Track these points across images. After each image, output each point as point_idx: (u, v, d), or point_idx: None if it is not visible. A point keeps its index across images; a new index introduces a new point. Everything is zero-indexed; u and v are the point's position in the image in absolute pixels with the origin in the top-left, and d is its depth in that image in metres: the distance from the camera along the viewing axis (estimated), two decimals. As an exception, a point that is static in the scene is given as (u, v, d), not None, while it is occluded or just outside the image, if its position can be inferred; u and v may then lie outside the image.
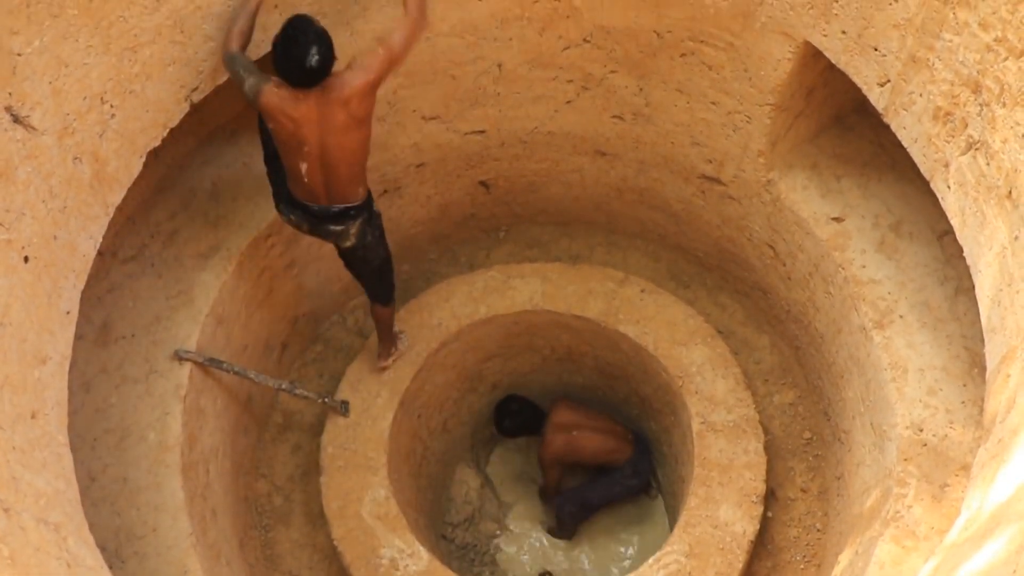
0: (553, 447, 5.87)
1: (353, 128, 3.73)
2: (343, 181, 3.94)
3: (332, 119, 3.67)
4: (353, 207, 4.09)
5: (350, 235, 4.21)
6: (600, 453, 5.93)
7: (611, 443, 5.91)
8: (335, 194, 4.00)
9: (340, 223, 4.12)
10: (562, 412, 5.89)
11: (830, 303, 4.66)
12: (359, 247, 4.34)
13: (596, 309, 5.46)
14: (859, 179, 4.61)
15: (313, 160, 3.80)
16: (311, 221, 4.13)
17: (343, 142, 3.76)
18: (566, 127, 5.16)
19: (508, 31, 4.48)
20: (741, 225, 5.17)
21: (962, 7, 2.95)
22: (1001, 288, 2.90)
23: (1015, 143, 2.78)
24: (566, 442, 5.85)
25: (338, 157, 3.81)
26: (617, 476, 5.98)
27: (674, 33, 4.32)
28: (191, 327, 4.30)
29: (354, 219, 4.14)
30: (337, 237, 4.23)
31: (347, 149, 3.80)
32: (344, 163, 3.85)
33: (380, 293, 4.81)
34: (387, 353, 5.25)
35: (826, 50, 3.75)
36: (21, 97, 2.86)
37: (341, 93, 3.63)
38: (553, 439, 5.85)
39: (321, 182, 3.92)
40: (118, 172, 3.48)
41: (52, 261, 3.08)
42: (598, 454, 5.94)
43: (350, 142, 3.78)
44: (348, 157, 3.84)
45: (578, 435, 5.86)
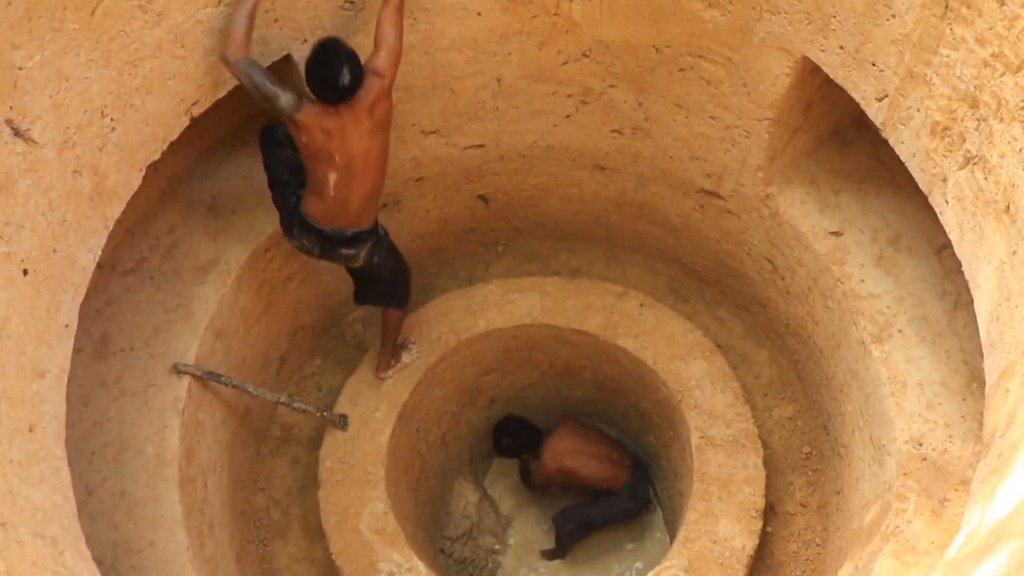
0: (546, 472, 5.88)
1: (377, 132, 3.95)
2: (365, 194, 4.11)
3: (359, 126, 3.88)
4: (364, 232, 4.26)
5: (360, 258, 4.39)
6: (596, 480, 5.94)
7: (608, 471, 5.91)
8: (353, 212, 4.14)
9: (352, 247, 4.30)
10: (562, 437, 5.88)
11: (829, 317, 4.66)
12: (366, 267, 4.50)
13: (595, 323, 5.45)
14: (857, 194, 4.62)
15: (342, 171, 3.98)
16: (323, 245, 4.27)
17: (368, 148, 3.96)
18: (565, 141, 5.17)
19: (507, 46, 4.49)
20: (740, 239, 5.18)
21: (959, 23, 2.96)
22: (1000, 303, 2.90)
23: (1012, 158, 2.79)
24: (559, 469, 5.86)
25: (364, 165, 4.00)
26: (614, 499, 5.98)
27: (673, 48, 4.34)
28: (190, 340, 4.30)
29: (364, 243, 4.31)
30: (347, 260, 4.40)
31: (373, 155, 4.00)
32: (370, 172, 4.05)
33: (392, 298, 4.94)
34: (387, 364, 5.26)
35: (824, 65, 3.76)
36: (22, 111, 2.87)
37: (366, 101, 3.83)
38: (547, 464, 5.84)
39: (344, 196, 4.07)
40: (118, 185, 3.48)
41: (51, 274, 3.08)
42: (594, 481, 5.95)
43: (375, 147, 3.98)
44: (374, 165, 4.04)
45: (573, 463, 5.85)
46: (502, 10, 4.29)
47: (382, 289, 4.85)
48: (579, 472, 5.87)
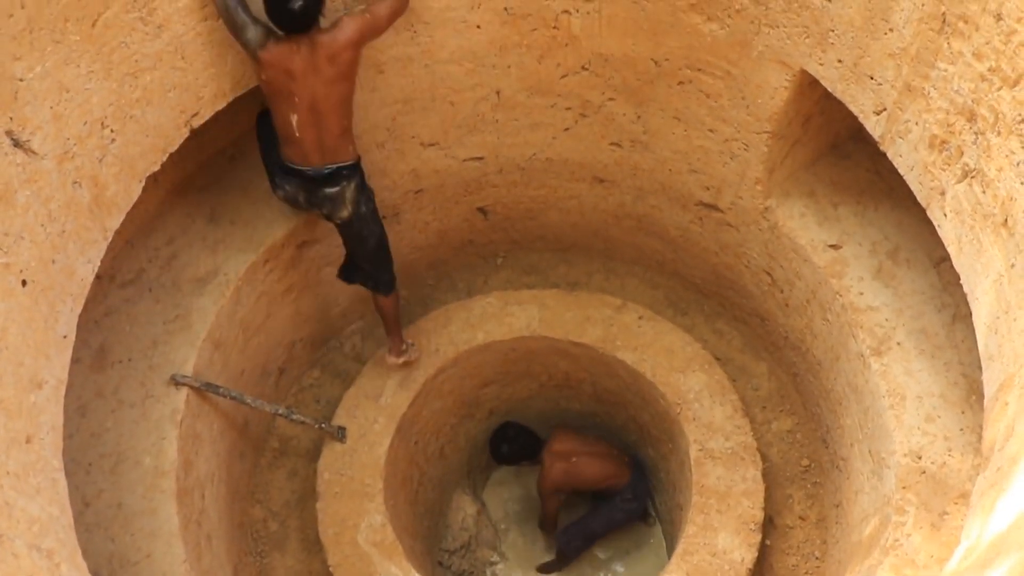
0: (552, 475, 5.83)
1: (338, 80, 3.93)
2: (333, 134, 4.09)
3: (320, 71, 3.86)
4: (345, 167, 4.23)
5: (346, 200, 4.33)
6: (600, 479, 5.90)
7: (610, 468, 5.88)
8: (326, 149, 4.13)
9: (334, 184, 4.25)
10: (560, 440, 5.86)
11: (828, 330, 4.66)
12: (355, 219, 4.45)
13: (594, 336, 5.45)
14: (856, 206, 4.63)
15: (303, 112, 3.96)
16: (306, 188, 4.26)
17: (330, 93, 3.95)
18: (564, 154, 5.18)
19: (507, 58, 4.51)
20: (739, 252, 5.18)
21: (956, 37, 2.97)
22: (998, 316, 2.90)
23: (1010, 171, 2.79)
24: (565, 470, 5.82)
25: (326, 108, 3.99)
26: (617, 501, 5.95)
27: (672, 61, 4.35)
28: (188, 352, 4.30)
29: (348, 180, 4.27)
30: (333, 204, 4.34)
31: (333, 100, 3.99)
32: (332, 114, 4.03)
33: (380, 279, 4.88)
34: (398, 349, 5.23)
35: (822, 79, 3.77)
36: (22, 122, 2.87)
37: (330, 48, 3.83)
38: (552, 467, 5.81)
39: (313, 136, 4.07)
40: (117, 196, 3.49)
41: (50, 285, 3.08)
42: (598, 480, 5.91)
43: (336, 93, 3.97)
44: (336, 108, 4.02)
45: (577, 462, 5.82)
46: (501, 23, 4.31)
47: (368, 267, 4.80)
48: (583, 471, 5.84)
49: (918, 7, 3.09)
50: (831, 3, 3.50)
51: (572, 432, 5.96)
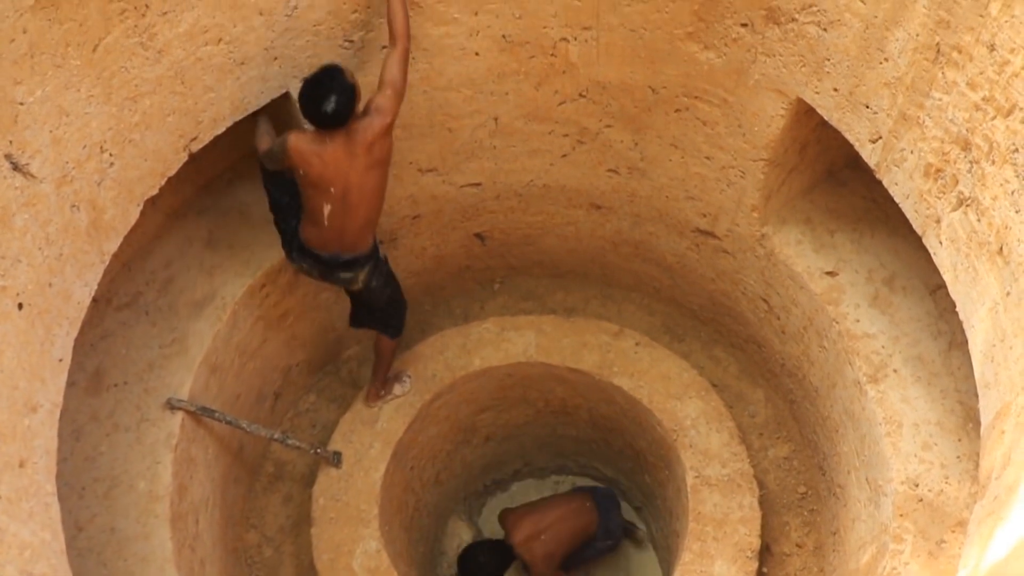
0: (539, 561, 5.72)
1: (374, 168, 3.98)
2: (360, 225, 4.14)
3: (356, 161, 3.92)
4: (362, 256, 4.30)
5: (359, 280, 4.41)
6: (576, 536, 5.85)
7: (580, 521, 5.85)
8: (348, 240, 4.19)
9: (349, 271, 4.33)
10: (519, 527, 5.74)
11: (824, 357, 4.66)
12: (365, 291, 4.52)
13: (590, 362, 5.45)
14: (852, 234, 4.64)
15: (337, 202, 4.02)
16: (321, 269, 4.32)
17: (365, 182, 4.00)
18: (562, 180, 5.20)
19: (505, 85, 4.54)
20: (735, 279, 5.19)
21: (950, 67, 3.00)
22: (994, 344, 2.90)
23: (1005, 200, 2.81)
24: (545, 552, 5.72)
25: (359, 198, 4.03)
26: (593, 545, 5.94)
27: (669, 89, 4.38)
28: (184, 376, 4.29)
29: (362, 267, 4.34)
30: (346, 283, 4.44)
31: (368, 189, 4.03)
32: (364, 205, 4.08)
33: (390, 324, 4.95)
34: (376, 395, 5.26)
35: (818, 107, 3.80)
36: (21, 145, 2.88)
37: (364, 136, 3.87)
38: (534, 556, 5.70)
39: (339, 226, 4.12)
40: (115, 220, 3.49)
41: (46, 308, 3.08)
42: (576, 537, 5.85)
43: (371, 181, 4.02)
44: (369, 199, 4.07)
45: (547, 537, 5.74)
46: (500, 50, 4.33)
47: (377, 316, 4.87)
48: (561, 539, 5.78)
49: (913, 37, 3.12)
50: (827, 32, 3.53)
51: (522, 511, 5.88)
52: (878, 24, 3.27)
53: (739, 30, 3.89)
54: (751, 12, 3.79)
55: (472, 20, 4.18)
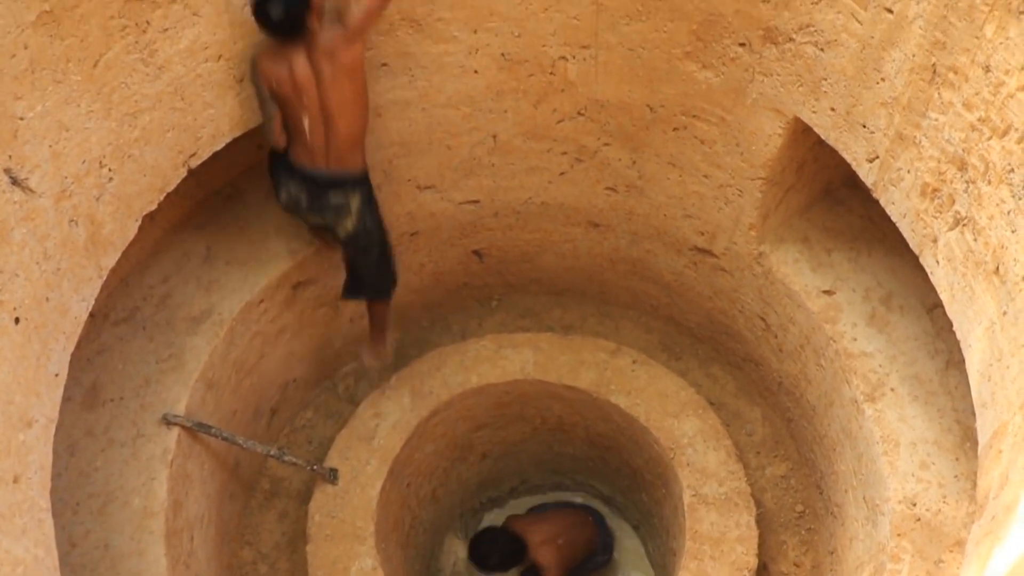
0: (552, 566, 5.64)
1: (342, 78, 3.91)
2: (343, 137, 4.07)
3: (322, 71, 3.87)
4: (351, 176, 4.21)
5: (352, 212, 4.28)
6: (584, 547, 5.85)
7: (587, 533, 5.85)
8: (333, 154, 4.11)
9: (341, 193, 4.22)
10: (535, 530, 5.68)
11: (822, 376, 4.66)
12: (361, 233, 4.41)
13: (588, 380, 5.44)
14: (849, 252, 4.65)
15: (314, 112, 3.97)
16: (310, 191, 4.21)
17: (335, 93, 3.93)
18: (560, 198, 5.21)
19: (503, 103, 4.55)
20: (733, 297, 5.20)
21: (946, 87, 3.01)
22: (991, 363, 2.90)
23: (1001, 220, 2.82)
24: (559, 555, 5.67)
25: (336, 109, 3.97)
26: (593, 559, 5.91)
27: (667, 108, 4.40)
28: (180, 391, 4.28)
29: (353, 190, 4.24)
30: (337, 214, 4.30)
31: (341, 100, 3.96)
32: (344, 116, 4.01)
33: (382, 288, 4.87)
34: (375, 352, 5.23)
35: (816, 126, 3.82)
36: (21, 160, 2.89)
37: (326, 45, 3.84)
38: (548, 559, 5.63)
39: (322, 140, 4.05)
40: (113, 235, 3.50)
41: (43, 323, 3.08)
42: (584, 548, 5.85)
43: (342, 92, 3.94)
44: (346, 109, 4.00)
45: (563, 542, 5.71)
46: (499, 68, 4.35)
47: (369, 280, 4.79)
48: (575, 545, 5.76)
49: (909, 58, 3.14)
50: (824, 53, 3.55)
51: (535, 517, 5.86)
52: (874, 45, 3.29)
53: (737, 50, 3.91)
54: (749, 32, 3.81)
55: (471, 38, 4.20)
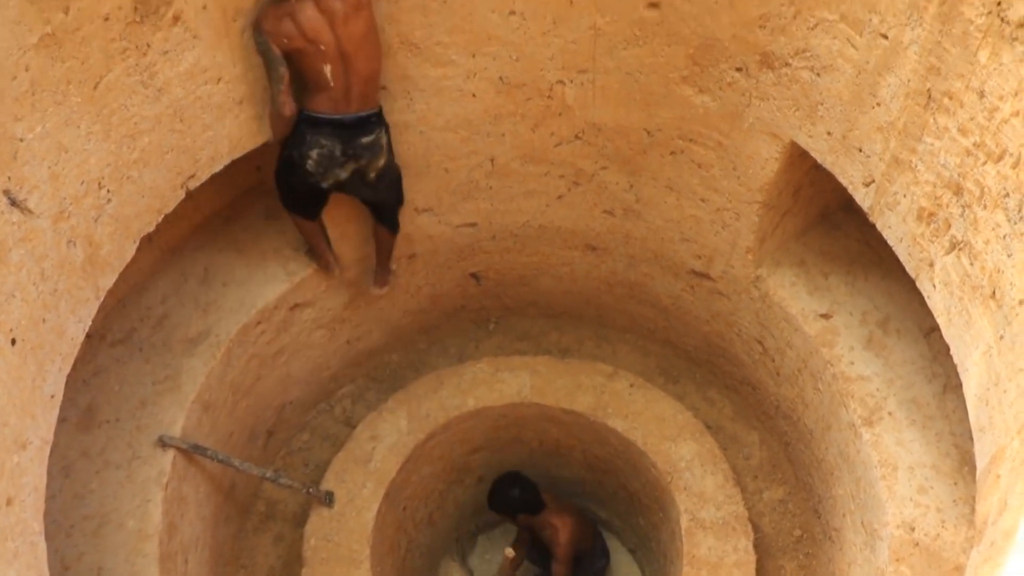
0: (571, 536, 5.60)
1: (353, 14, 3.85)
2: (364, 77, 4.03)
3: (333, 15, 3.82)
4: (374, 113, 4.18)
5: (383, 148, 4.27)
6: (587, 539, 5.83)
7: (588, 527, 5.84)
8: (357, 93, 4.05)
9: (369, 132, 4.19)
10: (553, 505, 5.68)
11: (819, 399, 4.65)
12: (389, 168, 4.42)
13: (585, 403, 5.43)
14: (846, 276, 4.66)
15: (333, 56, 3.91)
16: (342, 138, 4.15)
17: (350, 31, 3.88)
18: (557, 221, 5.22)
19: (501, 127, 4.57)
20: (730, 321, 5.20)
21: (942, 112, 3.03)
22: (988, 387, 2.90)
23: (997, 244, 2.82)
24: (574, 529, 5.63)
25: (353, 47, 3.92)
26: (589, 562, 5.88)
27: (664, 132, 4.42)
28: (177, 413, 4.27)
29: (379, 127, 4.22)
30: (372, 153, 4.25)
31: (358, 36, 3.91)
32: (363, 53, 3.96)
33: (393, 219, 4.87)
34: (384, 280, 5.23)
35: (812, 150, 3.83)
36: (20, 181, 2.89)
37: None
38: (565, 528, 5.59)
39: (345, 82, 4.00)
40: (111, 256, 3.50)
41: (39, 344, 3.07)
42: (587, 540, 5.82)
43: (357, 28, 3.89)
44: (363, 45, 3.94)
45: (577, 520, 5.67)
46: (497, 92, 4.38)
47: (391, 211, 4.81)
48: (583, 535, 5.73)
49: (904, 83, 3.16)
50: (820, 77, 3.57)
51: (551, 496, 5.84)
52: (870, 70, 3.31)
53: (734, 74, 3.94)
54: (745, 57, 3.83)
55: (470, 62, 4.23)
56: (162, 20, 3.34)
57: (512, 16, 4.01)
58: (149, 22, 3.29)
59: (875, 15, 3.18)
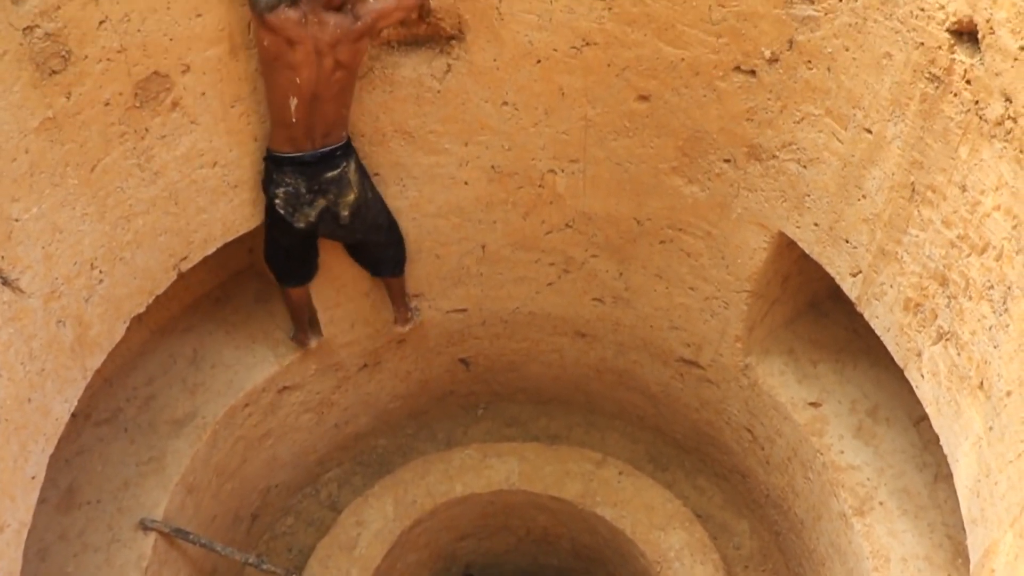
0: None
1: (339, 70, 3.79)
2: (329, 119, 3.93)
3: (323, 59, 3.74)
4: (339, 147, 4.05)
5: (351, 182, 4.12)
6: None
7: None
8: (319, 133, 3.95)
9: (333, 167, 4.06)
10: None
11: (809, 488, 4.61)
12: (364, 203, 4.24)
13: (573, 491, 5.38)
14: (835, 364, 4.67)
15: (304, 96, 3.80)
16: (306, 175, 4.02)
17: (331, 82, 3.81)
18: (547, 308, 5.24)
19: (493, 214, 4.62)
20: (719, 408, 5.19)
21: (926, 205, 3.09)
22: (979, 479, 2.89)
23: (983, 335, 2.85)
24: None
25: (326, 96, 3.84)
26: None
27: (654, 221, 4.47)
28: (160, 495, 4.20)
29: (345, 160, 4.09)
30: (339, 188, 4.11)
31: (334, 90, 3.84)
32: (332, 103, 3.88)
33: (399, 258, 4.73)
34: (404, 318, 5.05)
35: (800, 241, 3.88)
36: (13, 260, 2.90)
37: (333, 33, 3.68)
38: None
39: (306, 122, 3.89)
40: (100, 336, 3.49)
41: (23, 424, 3.04)
42: None
43: (336, 83, 3.83)
44: (336, 98, 3.88)
45: None
46: (488, 180, 4.44)
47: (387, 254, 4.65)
48: None
49: (889, 176, 3.23)
50: (807, 170, 3.64)
51: None
52: (855, 163, 3.38)
53: (722, 165, 4.01)
54: (733, 148, 3.92)
55: (462, 150, 4.30)
56: (161, 105, 3.41)
57: (505, 107, 4.09)
58: (148, 107, 3.36)
59: (859, 110, 3.27)
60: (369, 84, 3.99)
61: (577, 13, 3.69)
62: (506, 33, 3.80)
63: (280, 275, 4.51)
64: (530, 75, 3.95)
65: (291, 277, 4.51)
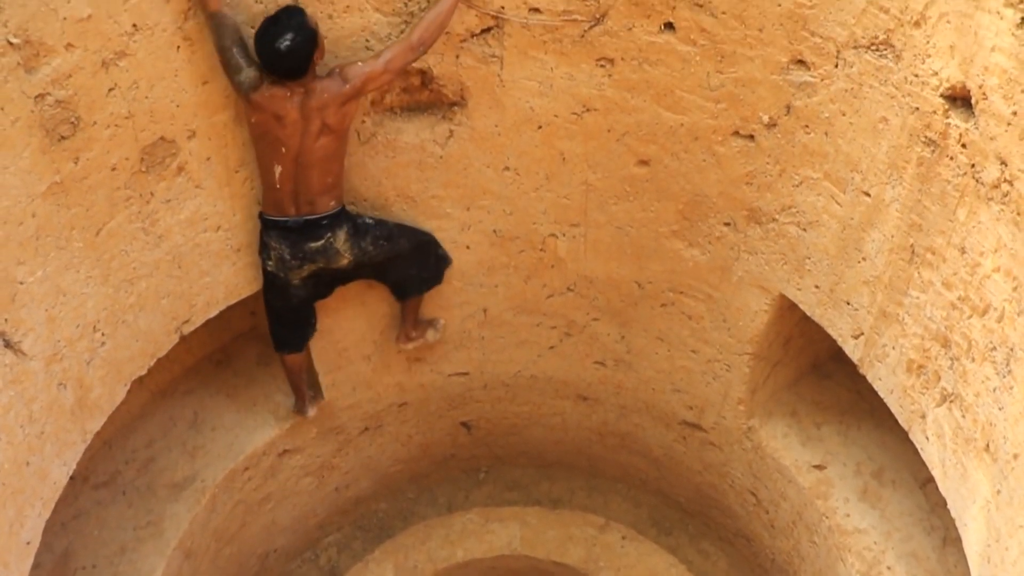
0: None
1: (325, 135, 3.69)
2: (313, 189, 3.83)
3: (309, 124, 3.65)
4: (325, 217, 3.92)
5: (339, 251, 4.01)
6: None
7: None
8: (304, 200, 3.85)
9: (317, 237, 3.94)
10: None
11: (816, 553, 4.55)
12: (367, 259, 4.14)
13: (576, 556, 5.31)
14: (839, 426, 4.64)
15: (288, 163, 3.72)
16: (288, 241, 3.93)
17: (315, 148, 3.71)
18: (549, 372, 5.23)
19: (494, 278, 4.64)
20: (723, 472, 5.14)
21: (926, 267, 3.10)
22: (989, 544, 2.85)
23: (987, 397, 2.84)
24: None
25: (310, 162, 3.74)
26: None
27: (655, 284, 4.49)
28: (157, 560, 4.14)
29: (332, 230, 3.97)
30: (327, 257, 4.01)
31: (319, 155, 3.74)
32: (316, 169, 3.78)
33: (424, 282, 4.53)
34: (408, 336, 4.76)
35: (801, 303, 3.89)
36: (16, 323, 2.91)
37: (320, 98, 3.60)
38: None
39: (291, 189, 3.80)
40: (101, 399, 3.48)
41: (20, 488, 3.01)
42: None
43: (321, 149, 3.73)
44: (320, 163, 3.77)
45: None
46: (490, 244, 4.47)
47: (413, 273, 4.45)
48: None
49: (888, 238, 3.25)
50: (806, 232, 3.67)
51: None
52: (855, 225, 3.41)
53: (722, 229, 4.04)
54: (733, 212, 3.95)
55: (464, 215, 4.33)
56: (167, 170, 3.45)
57: (506, 172, 4.14)
58: (154, 172, 3.40)
59: (857, 173, 3.31)
60: (372, 150, 4.03)
61: (577, 80, 3.75)
62: (508, 99, 3.86)
63: (274, 340, 4.44)
64: (531, 140, 4.00)
65: (284, 343, 4.44)
